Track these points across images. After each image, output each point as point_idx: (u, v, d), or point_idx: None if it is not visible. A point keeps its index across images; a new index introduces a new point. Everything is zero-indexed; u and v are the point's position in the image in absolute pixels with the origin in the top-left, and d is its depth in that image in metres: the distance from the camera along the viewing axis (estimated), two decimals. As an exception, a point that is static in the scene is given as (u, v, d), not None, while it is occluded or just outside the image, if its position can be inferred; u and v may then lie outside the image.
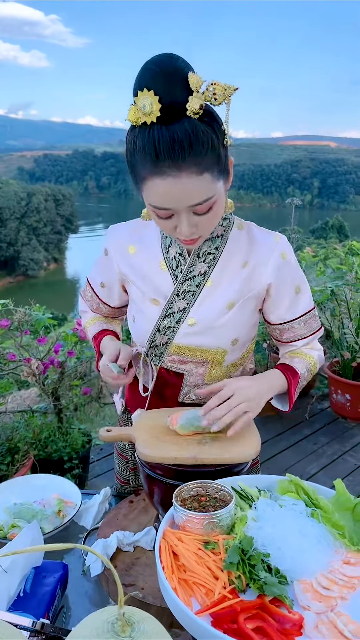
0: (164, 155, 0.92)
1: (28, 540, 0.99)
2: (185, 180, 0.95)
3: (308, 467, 3.24)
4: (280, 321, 1.26)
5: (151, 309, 1.23)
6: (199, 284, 1.19)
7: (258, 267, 1.19)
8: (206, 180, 0.97)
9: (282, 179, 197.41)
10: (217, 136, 0.96)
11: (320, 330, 1.31)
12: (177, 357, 1.25)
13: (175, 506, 0.87)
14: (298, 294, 1.24)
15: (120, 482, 1.52)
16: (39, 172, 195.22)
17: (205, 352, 1.22)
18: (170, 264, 1.20)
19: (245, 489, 0.95)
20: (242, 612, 0.70)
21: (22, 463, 2.39)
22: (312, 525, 0.84)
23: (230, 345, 1.22)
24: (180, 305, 1.20)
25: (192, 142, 0.92)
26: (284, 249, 1.20)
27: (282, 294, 1.22)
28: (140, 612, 0.64)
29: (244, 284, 1.19)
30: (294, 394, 1.22)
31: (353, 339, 3.53)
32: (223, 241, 1.19)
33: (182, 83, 0.91)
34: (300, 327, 1.27)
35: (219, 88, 0.93)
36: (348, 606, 0.74)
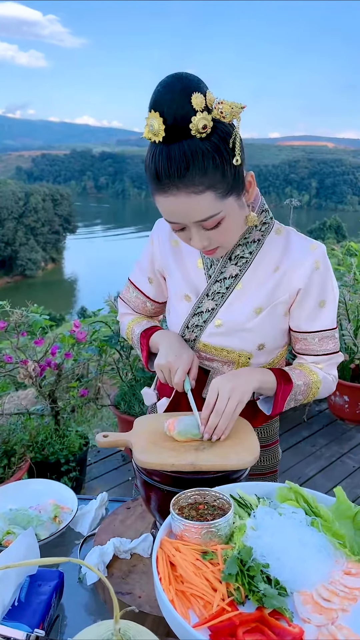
0: (162, 174, 0.97)
1: (23, 548, 0.97)
2: (184, 199, 0.98)
3: (306, 469, 3.23)
4: (296, 329, 1.23)
5: (182, 306, 1.25)
6: (229, 286, 1.20)
7: (289, 272, 1.17)
8: (208, 198, 0.99)
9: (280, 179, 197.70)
10: (222, 154, 0.97)
11: (336, 354, 1.27)
12: (204, 355, 1.26)
13: (173, 515, 0.85)
14: (321, 308, 1.20)
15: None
16: (37, 171, 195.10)
17: (231, 353, 1.22)
18: (206, 263, 1.23)
19: (244, 496, 0.94)
20: (241, 625, 0.68)
21: (18, 466, 2.37)
22: (312, 534, 0.83)
23: (256, 350, 1.21)
24: (209, 306, 1.21)
25: (189, 162, 0.95)
26: (319, 258, 1.17)
27: (306, 302, 1.19)
28: (136, 627, 0.63)
29: (274, 289, 1.18)
30: (280, 399, 1.18)
31: (351, 340, 3.52)
32: (259, 246, 1.18)
33: (187, 104, 0.93)
34: (313, 343, 1.23)
35: (226, 106, 0.95)
36: (349, 619, 0.72)
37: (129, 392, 3.22)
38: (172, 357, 1.19)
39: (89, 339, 3.19)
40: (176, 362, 1.18)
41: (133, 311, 1.44)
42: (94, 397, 3.71)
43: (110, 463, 3.27)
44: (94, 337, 3.35)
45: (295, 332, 1.24)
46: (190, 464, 0.99)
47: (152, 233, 1.32)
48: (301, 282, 1.16)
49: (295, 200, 3.79)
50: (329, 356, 1.26)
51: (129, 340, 1.44)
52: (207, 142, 0.95)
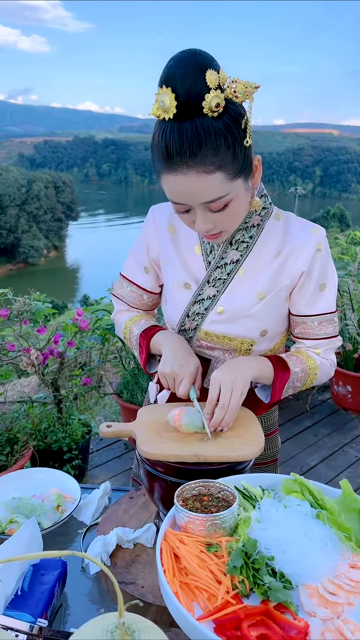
0: (174, 153, 0.93)
1: (26, 538, 0.97)
2: (194, 178, 0.95)
3: (309, 459, 3.23)
4: (295, 312, 1.22)
5: (181, 294, 1.22)
6: (231, 272, 1.18)
7: (291, 256, 1.16)
8: (218, 178, 0.96)
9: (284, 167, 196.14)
10: (235, 135, 0.95)
11: (334, 338, 1.26)
12: (205, 343, 1.24)
13: (177, 507, 0.85)
14: (322, 291, 1.20)
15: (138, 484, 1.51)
16: (39, 158, 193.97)
17: (233, 340, 1.21)
18: (205, 249, 1.20)
19: (248, 488, 0.93)
20: (246, 618, 0.67)
21: (21, 454, 2.38)
22: (317, 527, 0.82)
23: (259, 336, 1.20)
24: (210, 293, 1.19)
25: (201, 140, 0.92)
26: (320, 240, 1.17)
27: (307, 285, 1.18)
28: (141, 620, 0.62)
29: (276, 274, 1.17)
30: (278, 388, 1.18)
31: (355, 330, 3.50)
32: (259, 231, 1.17)
33: (201, 80, 0.90)
34: (313, 326, 1.23)
35: (240, 86, 0.93)
36: (355, 612, 0.71)
37: (131, 381, 3.21)
38: (177, 367, 1.15)
39: (91, 328, 3.18)
40: (182, 372, 1.14)
41: (129, 307, 1.39)
42: (96, 385, 3.72)
43: (113, 451, 3.28)
44: (97, 325, 3.34)
45: (295, 316, 1.23)
46: (194, 455, 0.99)
47: (147, 221, 1.28)
48: (304, 265, 1.15)
49: (299, 188, 3.76)
50: (328, 340, 1.25)
51: (125, 340, 1.38)
52: (220, 121, 0.93)
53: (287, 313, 1.24)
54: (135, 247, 1.32)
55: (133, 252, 1.33)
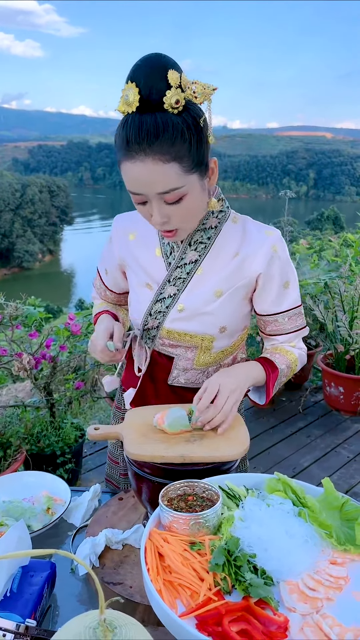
0: (133, 140, 0.99)
1: (14, 540, 0.98)
2: (151, 166, 1.00)
3: (301, 460, 3.25)
4: (265, 312, 1.28)
5: (145, 293, 1.27)
6: (190, 271, 1.23)
7: (248, 258, 1.21)
8: (174, 169, 1.01)
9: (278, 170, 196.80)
10: (192, 131, 1.01)
11: (304, 329, 1.33)
12: (167, 341, 1.28)
13: (162, 506, 0.86)
14: (286, 289, 1.26)
15: (112, 462, 1.57)
16: (33, 163, 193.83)
17: (194, 337, 1.25)
18: (165, 251, 1.25)
19: (232, 488, 0.95)
20: (227, 614, 0.69)
21: (14, 458, 2.38)
22: (299, 525, 0.84)
23: (218, 333, 1.25)
24: (171, 291, 1.24)
25: (159, 130, 0.98)
26: (275, 242, 1.22)
27: (270, 286, 1.24)
28: (123, 617, 0.63)
29: (234, 273, 1.22)
30: (271, 388, 1.24)
31: (346, 331, 3.53)
32: (216, 232, 1.22)
33: (163, 79, 0.97)
34: (284, 322, 1.29)
35: (199, 87, 1.01)
36: (334, 607, 0.73)
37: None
38: (93, 336, 1.23)
39: (84, 332, 3.19)
40: (95, 337, 1.22)
41: (99, 297, 1.51)
42: (90, 389, 3.73)
43: (106, 455, 3.29)
44: (90, 329, 3.35)
45: (264, 316, 1.29)
46: (180, 456, 1.00)
47: (112, 231, 1.35)
48: (260, 267, 1.21)
49: (290, 192, 3.79)
50: (298, 332, 1.32)
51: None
52: (179, 117, 0.99)
53: (247, 312, 1.30)
54: (103, 250, 1.41)
55: (102, 253, 1.42)
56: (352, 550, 0.83)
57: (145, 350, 1.33)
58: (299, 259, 4.83)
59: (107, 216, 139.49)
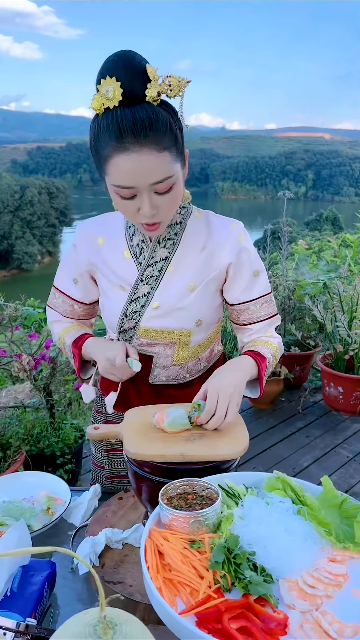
0: (127, 132, 1.00)
1: (14, 540, 0.98)
2: (146, 156, 1.02)
3: (301, 460, 3.25)
4: (237, 301, 1.30)
5: (117, 296, 1.28)
6: (161, 269, 1.25)
7: (216, 250, 1.25)
8: (166, 158, 1.04)
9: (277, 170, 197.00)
10: (174, 121, 1.05)
11: (276, 316, 1.37)
12: (145, 340, 1.29)
13: (161, 505, 0.87)
14: (256, 277, 1.29)
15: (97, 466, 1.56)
16: (32, 164, 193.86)
17: (171, 333, 1.27)
18: (134, 252, 1.26)
19: (232, 486, 0.95)
20: (227, 611, 0.69)
21: (14, 459, 2.38)
22: (298, 523, 0.84)
23: (195, 326, 1.27)
24: (145, 290, 1.25)
25: (153, 121, 1.00)
26: (239, 233, 1.26)
27: (240, 275, 1.27)
28: (123, 614, 0.64)
29: (203, 266, 1.25)
30: (263, 379, 1.26)
31: (345, 332, 3.53)
32: (182, 228, 1.26)
33: (141, 73, 1.00)
34: (256, 309, 1.32)
35: (174, 80, 1.02)
36: (333, 604, 0.73)
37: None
38: (108, 354, 1.22)
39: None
40: (112, 355, 1.22)
41: (62, 317, 1.43)
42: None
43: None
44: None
45: (236, 305, 1.31)
46: (180, 455, 1.00)
47: (75, 238, 1.33)
48: (229, 257, 1.25)
49: (288, 192, 3.80)
50: (271, 319, 1.35)
51: (61, 349, 1.44)
52: (161, 109, 1.03)
53: (220, 304, 1.32)
54: (65, 261, 1.38)
55: (63, 266, 1.39)
56: (351, 548, 0.83)
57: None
58: (297, 259, 4.84)
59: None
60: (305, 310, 3.99)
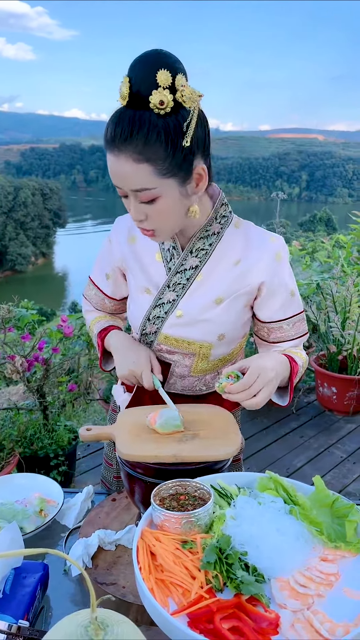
0: (110, 136, 1.00)
1: (7, 542, 0.98)
2: (123, 162, 1.00)
3: (295, 460, 3.26)
4: (269, 320, 1.25)
5: (143, 298, 1.26)
6: (190, 277, 1.21)
7: (251, 266, 1.19)
8: (146, 171, 0.99)
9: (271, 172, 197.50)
10: (172, 135, 0.98)
11: (306, 334, 1.32)
12: (165, 347, 1.26)
13: (154, 505, 0.87)
14: (292, 297, 1.25)
15: (107, 463, 1.56)
16: (25, 165, 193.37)
17: (192, 344, 1.24)
18: (165, 256, 1.23)
19: (224, 487, 0.95)
20: (219, 611, 0.69)
21: (7, 461, 2.37)
22: (290, 522, 0.84)
23: (217, 340, 1.23)
24: (170, 297, 1.22)
25: (134, 128, 0.97)
26: (279, 249, 1.20)
27: (275, 293, 1.22)
28: (115, 615, 0.64)
29: (235, 281, 1.19)
30: (293, 385, 1.21)
31: (339, 332, 3.55)
32: (218, 238, 1.20)
33: (153, 77, 0.96)
34: (289, 328, 1.27)
35: (187, 90, 0.98)
36: (325, 604, 0.74)
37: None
38: (132, 365, 1.21)
39: (76, 334, 3.19)
40: (137, 368, 1.21)
41: (94, 308, 1.45)
42: (84, 391, 3.72)
43: (100, 457, 3.28)
44: (82, 331, 3.35)
45: (268, 323, 1.26)
46: (172, 455, 1.00)
47: (111, 232, 1.33)
48: (264, 275, 1.19)
49: (281, 193, 3.82)
50: (302, 337, 1.31)
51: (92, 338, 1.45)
52: (161, 119, 0.97)
53: (247, 320, 1.28)
54: (101, 254, 1.37)
55: (98, 259, 1.38)
56: (342, 547, 0.84)
57: None
58: (291, 260, 4.86)
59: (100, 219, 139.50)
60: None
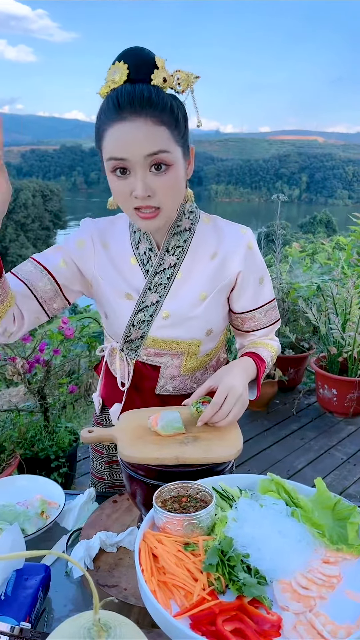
0: (125, 102, 0.99)
1: (8, 544, 0.98)
2: (142, 125, 0.99)
3: (295, 462, 3.26)
4: (243, 310, 1.29)
5: (124, 305, 1.23)
6: (170, 276, 1.21)
7: (228, 257, 1.22)
8: (164, 133, 1.01)
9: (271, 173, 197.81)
10: (178, 108, 1.04)
11: (278, 321, 1.36)
12: (152, 350, 1.26)
13: (155, 508, 0.87)
14: (261, 284, 1.28)
15: (96, 477, 1.52)
16: (26, 167, 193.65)
17: (181, 343, 1.24)
18: (141, 259, 1.22)
19: (226, 489, 0.95)
20: (221, 614, 0.69)
21: (8, 462, 2.37)
22: (292, 525, 0.84)
23: (205, 336, 1.25)
24: (153, 299, 1.21)
25: (152, 95, 1.00)
26: (250, 239, 1.24)
27: (247, 283, 1.25)
28: (117, 617, 0.64)
29: (215, 274, 1.22)
30: (260, 382, 1.25)
31: (339, 334, 3.55)
32: (191, 234, 1.22)
33: (149, 61, 1.02)
34: (261, 317, 1.31)
35: (183, 75, 1.03)
36: (327, 606, 0.74)
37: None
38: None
39: (77, 335, 3.19)
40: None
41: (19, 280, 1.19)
42: (84, 393, 3.72)
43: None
44: (83, 333, 3.35)
45: (242, 314, 1.30)
46: (174, 457, 1.00)
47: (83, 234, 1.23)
48: (240, 265, 1.22)
49: (282, 195, 3.82)
50: (275, 324, 1.36)
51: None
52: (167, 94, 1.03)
53: (227, 312, 1.30)
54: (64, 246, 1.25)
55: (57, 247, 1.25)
56: (344, 549, 0.84)
57: (127, 362, 1.30)
58: (291, 262, 4.86)
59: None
60: (299, 312, 4.00)
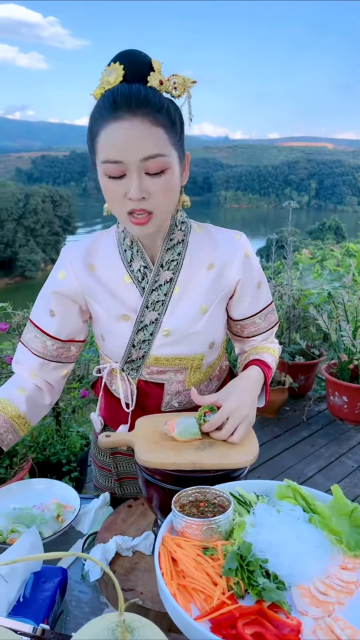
0: (122, 101, 0.96)
1: (27, 546, 0.99)
2: (138, 125, 0.97)
3: (306, 469, 3.25)
4: (242, 317, 1.28)
5: (121, 326, 1.19)
6: (167, 292, 1.18)
7: (225, 267, 1.20)
8: (160, 134, 0.99)
9: (280, 180, 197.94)
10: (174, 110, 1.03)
11: (277, 324, 1.37)
12: (155, 368, 1.24)
13: (174, 512, 0.88)
14: (259, 290, 1.27)
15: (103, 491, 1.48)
16: (36, 173, 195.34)
17: (184, 359, 1.22)
18: (135, 277, 1.18)
19: (243, 494, 0.96)
20: (241, 617, 0.70)
21: (20, 466, 2.39)
22: (309, 531, 0.85)
23: (208, 349, 1.23)
24: (152, 317, 1.18)
25: (149, 95, 0.98)
26: (245, 245, 1.22)
27: (246, 290, 1.24)
28: (140, 619, 0.65)
29: (213, 285, 1.20)
30: (269, 388, 1.24)
31: (350, 341, 3.54)
32: (184, 246, 1.19)
33: (146, 64, 1.00)
34: (261, 322, 1.31)
35: (179, 79, 1.02)
36: (345, 611, 0.74)
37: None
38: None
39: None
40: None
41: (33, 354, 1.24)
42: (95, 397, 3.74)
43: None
44: (93, 338, 3.37)
45: (241, 320, 1.29)
46: (191, 463, 1.01)
47: (65, 263, 1.20)
48: (239, 274, 1.21)
49: (293, 202, 3.83)
50: (274, 328, 1.36)
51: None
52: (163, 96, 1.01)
53: (226, 321, 1.29)
54: (44, 289, 1.23)
55: (41, 295, 1.24)
56: (362, 556, 0.84)
57: (129, 383, 1.27)
58: (301, 268, 4.86)
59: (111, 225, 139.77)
60: (309, 319, 4.00)
